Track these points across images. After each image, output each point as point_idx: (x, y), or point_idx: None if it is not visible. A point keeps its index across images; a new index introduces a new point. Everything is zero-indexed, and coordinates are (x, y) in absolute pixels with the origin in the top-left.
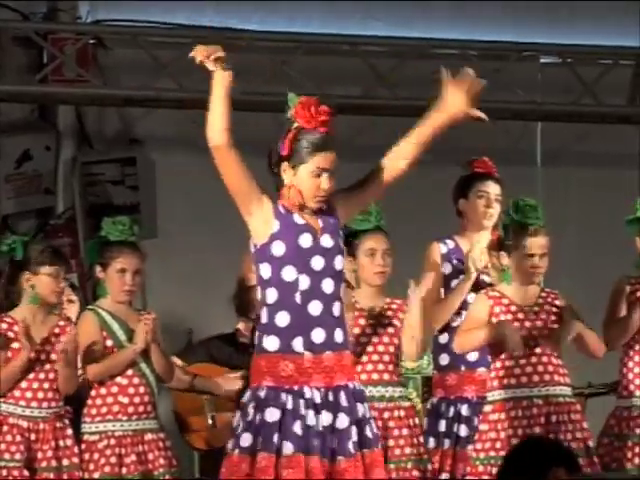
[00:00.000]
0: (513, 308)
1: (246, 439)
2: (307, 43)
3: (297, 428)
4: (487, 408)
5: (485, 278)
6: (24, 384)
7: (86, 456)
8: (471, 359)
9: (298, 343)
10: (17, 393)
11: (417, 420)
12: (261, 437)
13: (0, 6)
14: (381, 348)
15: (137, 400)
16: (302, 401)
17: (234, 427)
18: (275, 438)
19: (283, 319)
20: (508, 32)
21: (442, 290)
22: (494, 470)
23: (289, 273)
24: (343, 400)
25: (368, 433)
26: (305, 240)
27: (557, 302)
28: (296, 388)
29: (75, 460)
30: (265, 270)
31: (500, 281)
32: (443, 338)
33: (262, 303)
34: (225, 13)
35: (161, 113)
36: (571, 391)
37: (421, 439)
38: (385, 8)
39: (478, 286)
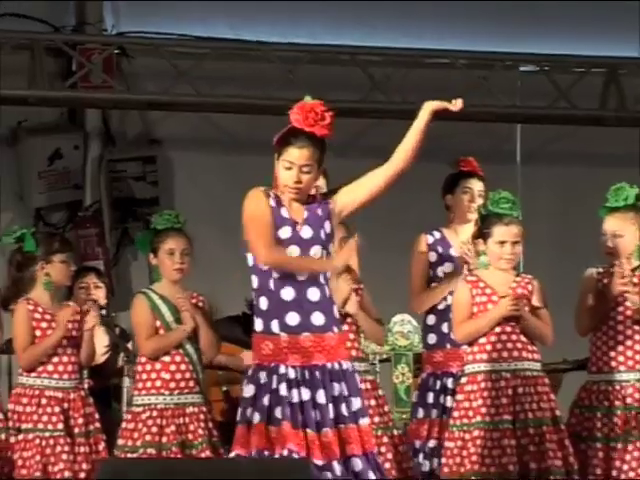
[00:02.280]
0: (488, 291)
1: (238, 412)
2: (311, 53)
3: (266, 401)
4: (463, 380)
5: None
6: (55, 359)
7: (131, 425)
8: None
9: (275, 325)
10: (50, 367)
11: (381, 392)
12: (240, 412)
13: (34, 20)
14: (345, 327)
15: (179, 376)
16: (275, 377)
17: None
18: (248, 412)
19: (264, 303)
20: (492, 43)
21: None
22: (467, 436)
23: None
24: (318, 378)
25: (344, 410)
26: (284, 232)
27: (529, 287)
28: (272, 365)
29: (98, 425)
30: (250, 259)
31: (478, 266)
32: (430, 320)
33: (252, 288)
34: (237, 26)
35: (179, 116)
36: (540, 366)
37: (387, 409)
38: (382, 21)
39: (459, 273)
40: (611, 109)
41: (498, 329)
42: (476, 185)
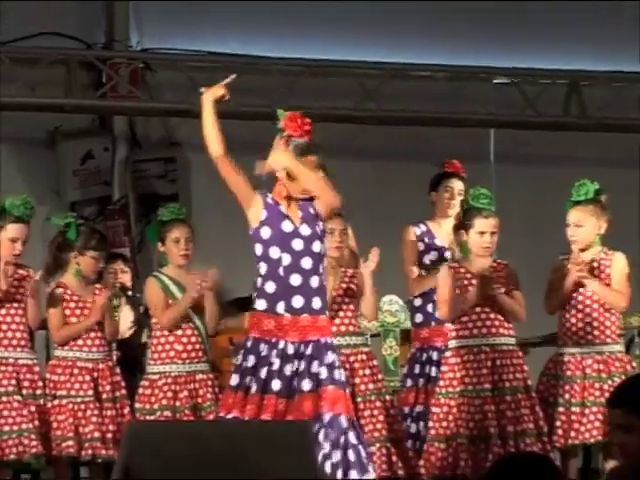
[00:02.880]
0: (469, 275)
1: (234, 379)
2: (311, 67)
3: (263, 373)
4: (447, 354)
5: (447, 253)
6: (84, 335)
7: (148, 391)
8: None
9: (280, 306)
10: (80, 342)
11: (376, 362)
12: (239, 378)
13: (69, 38)
14: (344, 307)
15: (190, 347)
16: (275, 351)
17: None
18: (247, 380)
19: (271, 287)
20: (468, 58)
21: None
22: (452, 402)
23: (274, 252)
24: (310, 350)
25: (336, 375)
26: (286, 226)
27: (504, 271)
28: (273, 340)
29: (124, 392)
30: (258, 249)
31: (459, 254)
32: (417, 302)
33: (257, 273)
34: (246, 43)
35: (195, 122)
36: (515, 341)
37: (380, 377)
38: (372, 39)
39: (443, 260)
40: (573, 116)
41: (478, 309)
42: (456, 185)
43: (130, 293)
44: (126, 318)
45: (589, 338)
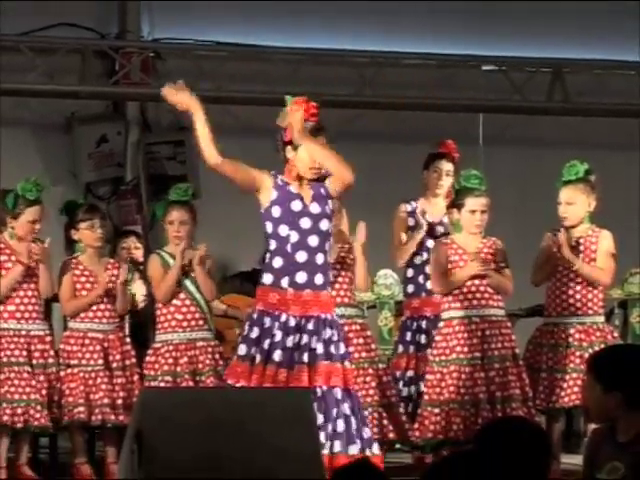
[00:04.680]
0: (460, 251)
1: (242, 349)
2: (312, 56)
3: (266, 344)
4: (440, 324)
5: (440, 229)
6: (95, 307)
7: (152, 359)
8: (430, 287)
9: (285, 281)
10: (91, 314)
11: (369, 332)
12: (246, 349)
13: (84, 28)
14: (340, 280)
15: (189, 317)
16: (277, 323)
17: None
18: (252, 351)
19: (278, 262)
20: (459, 47)
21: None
22: (445, 370)
23: (283, 229)
24: (311, 325)
25: (332, 350)
26: (296, 205)
27: (493, 247)
28: (276, 313)
29: (134, 360)
30: (268, 227)
31: (452, 231)
32: (409, 273)
33: (266, 250)
34: (250, 34)
35: (202, 107)
36: (504, 312)
37: (373, 346)
38: (368, 29)
39: (435, 235)
40: (556, 101)
41: (469, 283)
42: (445, 166)
43: (142, 268)
44: (138, 291)
45: (572, 310)
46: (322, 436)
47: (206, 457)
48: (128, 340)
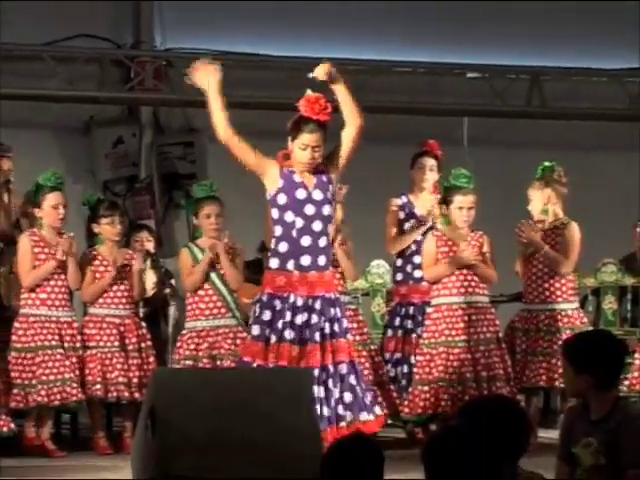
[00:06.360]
0: (449, 243)
1: (255, 329)
2: (310, 64)
3: (279, 325)
4: (430, 310)
5: (428, 221)
6: (111, 293)
7: (179, 344)
8: (417, 276)
9: (291, 264)
10: (108, 300)
11: (362, 317)
12: (259, 330)
13: (101, 39)
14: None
15: (211, 305)
16: (286, 304)
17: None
18: (267, 332)
19: (283, 247)
20: (445, 56)
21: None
22: (434, 352)
23: (289, 216)
24: (318, 305)
25: (336, 328)
26: (300, 193)
27: (479, 240)
28: (285, 295)
29: (149, 343)
30: (274, 213)
31: (441, 225)
32: (399, 262)
33: (272, 235)
34: (254, 43)
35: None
36: (488, 299)
37: (365, 330)
38: (363, 40)
39: (420, 226)
40: (535, 106)
41: (457, 272)
42: (428, 162)
43: (154, 258)
44: (150, 279)
45: (542, 297)
46: (340, 409)
47: (214, 432)
48: (143, 324)
